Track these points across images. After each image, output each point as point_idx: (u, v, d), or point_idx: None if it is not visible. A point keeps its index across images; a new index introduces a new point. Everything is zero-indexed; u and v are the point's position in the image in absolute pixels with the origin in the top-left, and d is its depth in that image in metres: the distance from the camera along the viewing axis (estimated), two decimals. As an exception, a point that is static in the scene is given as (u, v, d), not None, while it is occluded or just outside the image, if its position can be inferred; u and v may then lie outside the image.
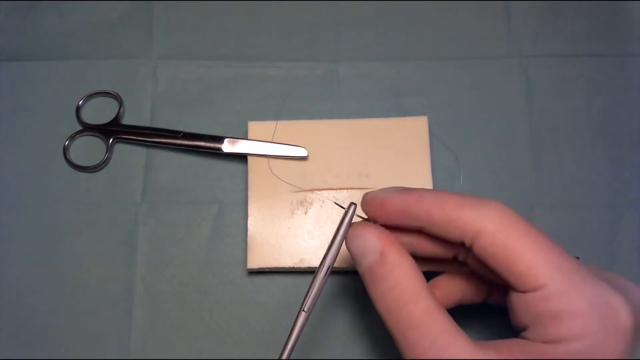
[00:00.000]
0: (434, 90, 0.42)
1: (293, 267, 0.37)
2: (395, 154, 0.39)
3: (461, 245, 0.26)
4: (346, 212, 0.28)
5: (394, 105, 0.42)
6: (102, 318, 0.38)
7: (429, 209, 0.26)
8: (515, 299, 0.25)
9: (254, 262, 0.37)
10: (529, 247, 0.24)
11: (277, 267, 0.37)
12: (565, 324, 0.23)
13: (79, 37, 0.44)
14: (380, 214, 0.28)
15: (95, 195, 0.40)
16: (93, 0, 0.44)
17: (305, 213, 0.38)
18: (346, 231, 0.28)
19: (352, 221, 0.28)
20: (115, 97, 0.42)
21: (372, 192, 0.29)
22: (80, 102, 0.42)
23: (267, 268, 0.37)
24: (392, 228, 0.28)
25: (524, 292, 0.24)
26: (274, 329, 0.38)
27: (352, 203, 0.28)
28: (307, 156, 0.39)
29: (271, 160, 0.39)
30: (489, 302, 0.32)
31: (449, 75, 0.43)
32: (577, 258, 0.38)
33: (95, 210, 0.40)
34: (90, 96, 0.42)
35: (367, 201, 0.29)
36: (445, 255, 0.29)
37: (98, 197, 0.40)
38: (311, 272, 0.37)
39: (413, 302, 0.25)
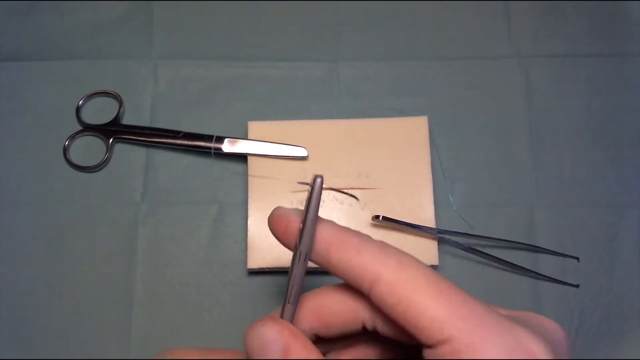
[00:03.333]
0: (434, 90, 0.42)
1: (293, 267, 0.37)
2: (395, 154, 0.39)
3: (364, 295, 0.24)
4: (313, 186, 0.25)
5: (394, 105, 0.42)
6: (102, 318, 0.38)
7: (328, 247, 0.24)
8: (428, 356, 0.22)
9: (254, 262, 0.37)
10: (428, 297, 0.22)
11: (277, 267, 0.37)
12: None
13: (79, 37, 0.44)
14: (283, 234, 0.26)
15: (95, 195, 0.40)
16: (93, 0, 0.44)
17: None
18: (317, 206, 0.25)
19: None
20: (115, 97, 0.42)
21: (282, 208, 0.26)
22: (80, 102, 0.42)
23: (267, 268, 0.37)
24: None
25: (431, 347, 0.22)
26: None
27: (316, 175, 0.25)
28: (307, 156, 0.39)
29: (271, 160, 0.39)
30: None
31: (449, 75, 0.43)
32: (577, 259, 0.39)
33: (95, 210, 0.40)
34: (90, 96, 0.42)
35: (274, 216, 0.26)
36: (354, 325, 0.26)
37: (98, 197, 0.40)
38: (311, 272, 0.37)
39: None
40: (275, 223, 0.26)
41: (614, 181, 0.40)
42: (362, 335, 0.27)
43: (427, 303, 0.22)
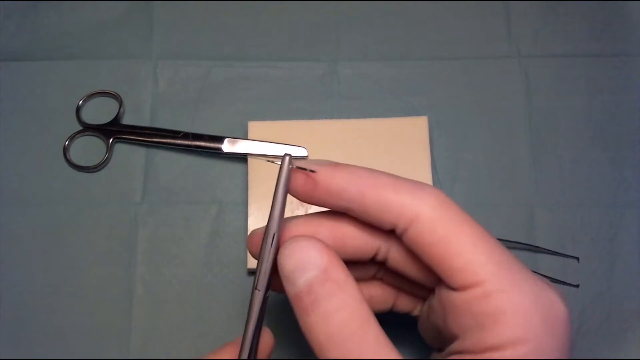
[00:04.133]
0: (434, 90, 0.42)
1: (293, 267, 0.37)
2: (395, 154, 0.39)
3: (390, 233, 0.24)
4: (282, 165, 0.24)
5: (394, 105, 0.42)
6: (102, 318, 0.38)
7: (362, 189, 0.23)
8: (449, 300, 0.22)
9: (254, 262, 0.37)
10: (468, 238, 0.22)
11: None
12: (507, 324, 0.20)
13: (79, 37, 0.44)
14: (304, 189, 0.24)
15: (95, 195, 0.40)
16: (93, 0, 0.44)
17: (306, 213, 0.38)
18: (286, 186, 0.24)
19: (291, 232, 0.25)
20: (115, 97, 0.42)
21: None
22: (80, 102, 0.42)
23: (267, 268, 0.37)
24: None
25: (458, 290, 0.22)
26: (274, 329, 0.38)
27: (286, 153, 0.24)
28: (307, 156, 0.39)
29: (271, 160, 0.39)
30: (395, 310, 0.29)
31: (449, 75, 0.43)
32: (577, 259, 0.39)
33: (95, 210, 0.40)
34: (90, 96, 0.42)
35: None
36: (367, 252, 0.25)
37: (98, 197, 0.40)
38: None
39: (363, 329, 0.21)
40: (293, 178, 0.25)
41: (614, 181, 0.40)
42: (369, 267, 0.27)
43: (467, 245, 0.22)
